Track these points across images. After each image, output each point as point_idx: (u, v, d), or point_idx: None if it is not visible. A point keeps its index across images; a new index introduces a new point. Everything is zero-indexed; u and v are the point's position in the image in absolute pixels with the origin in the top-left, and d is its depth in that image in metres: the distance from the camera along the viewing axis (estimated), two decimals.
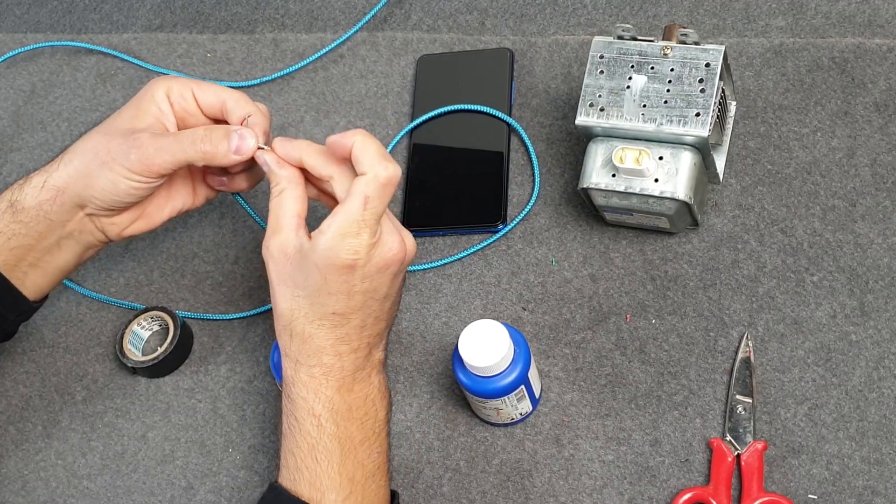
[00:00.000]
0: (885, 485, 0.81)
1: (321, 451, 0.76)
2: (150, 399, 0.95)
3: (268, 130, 0.84)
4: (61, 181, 0.83)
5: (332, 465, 0.76)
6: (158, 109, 0.84)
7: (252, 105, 0.84)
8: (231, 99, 0.84)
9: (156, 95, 0.84)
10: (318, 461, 0.76)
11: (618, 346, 0.89)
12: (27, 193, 0.84)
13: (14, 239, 0.84)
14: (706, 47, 0.85)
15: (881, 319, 0.86)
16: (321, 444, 0.76)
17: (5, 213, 0.84)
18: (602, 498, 0.84)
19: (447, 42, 1.06)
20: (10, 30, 1.20)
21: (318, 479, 0.76)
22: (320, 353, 0.78)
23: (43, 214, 0.84)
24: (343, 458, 0.76)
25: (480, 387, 0.82)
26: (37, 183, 0.84)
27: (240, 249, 1.01)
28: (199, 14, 1.16)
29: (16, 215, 0.84)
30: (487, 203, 0.97)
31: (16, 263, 0.85)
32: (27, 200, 0.84)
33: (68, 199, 0.84)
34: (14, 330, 0.92)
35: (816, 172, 0.92)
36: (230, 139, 0.81)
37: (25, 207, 0.84)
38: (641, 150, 0.85)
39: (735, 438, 0.84)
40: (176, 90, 0.85)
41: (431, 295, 0.95)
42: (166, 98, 0.85)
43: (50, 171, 0.84)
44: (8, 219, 0.84)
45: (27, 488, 0.93)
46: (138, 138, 0.81)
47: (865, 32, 0.98)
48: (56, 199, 0.84)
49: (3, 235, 0.84)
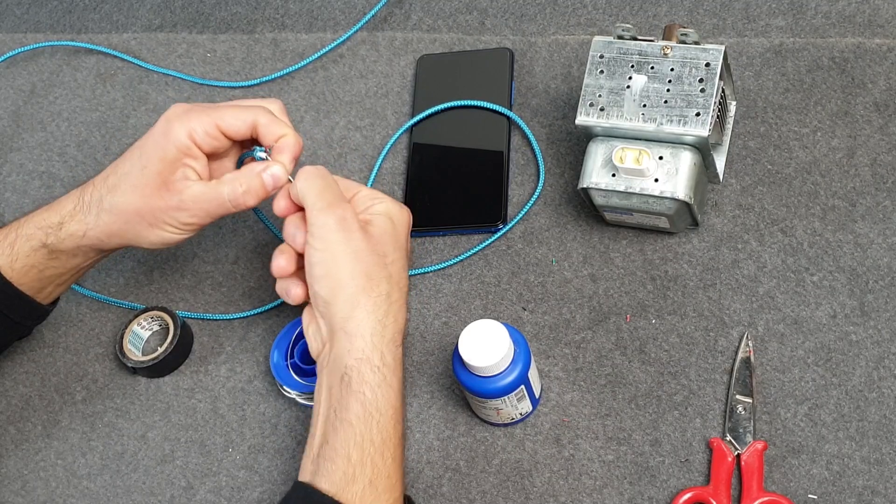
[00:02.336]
0: (885, 485, 0.81)
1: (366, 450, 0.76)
2: (150, 399, 0.95)
3: (298, 153, 0.84)
4: (104, 235, 0.85)
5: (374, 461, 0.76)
6: (187, 154, 0.83)
7: (283, 125, 0.84)
8: (262, 123, 0.84)
9: (179, 142, 0.83)
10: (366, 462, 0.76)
11: (618, 346, 0.89)
12: (64, 240, 0.85)
13: (47, 271, 0.87)
14: (706, 47, 0.85)
15: (881, 319, 0.86)
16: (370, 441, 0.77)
17: (38, 250, 0.85)
18: (602, 498, 0.84)
19: (447, 42, 1.06)
20: (10, 30, 1.20)
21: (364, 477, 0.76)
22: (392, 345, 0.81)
23: (81, 253, 0.87)
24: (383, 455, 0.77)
25: (480, 387, 0.82)
26: (75, 232, 0.85)
27: (240, 249, 1.01)
28: (199, 14, 1.16)
29: (51, 254, 0.86)
30: (487, 203, 0.97)
31: (44, 287, 0.88)
32: (64, 245, 0.85)
33: (110, 246, 0.87)
34: (29, 332, 0.94)
35: (816, 172, 0.92)
36: (265, 182, 0.83)
37: (62, 251, 0.86)
38: (641, 150, 0.85)
39: (735, 438, 0.83)
40: (200, 131, 0.83)
41: (431, 295, 0.95)
42: (191, 142, 0.83)
43: (87, 222, 0.84)
44: (41, 256, 0.86)
45: (27, 488, 0.93)
46: (184, 203, 0.83)
47: (865, 32, 0.98)
48: (97, 245, 0.86)
49: (36, 269, 0.86)
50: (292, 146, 0.84)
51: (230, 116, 0.84)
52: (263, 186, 0.83)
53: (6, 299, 0.86)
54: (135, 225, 0.84)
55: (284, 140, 0.84)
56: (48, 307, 0.90)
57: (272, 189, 0.83)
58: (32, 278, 0.86)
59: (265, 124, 0.84)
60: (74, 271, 0.89)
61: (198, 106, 0.85)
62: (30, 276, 0.86)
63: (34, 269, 0.86)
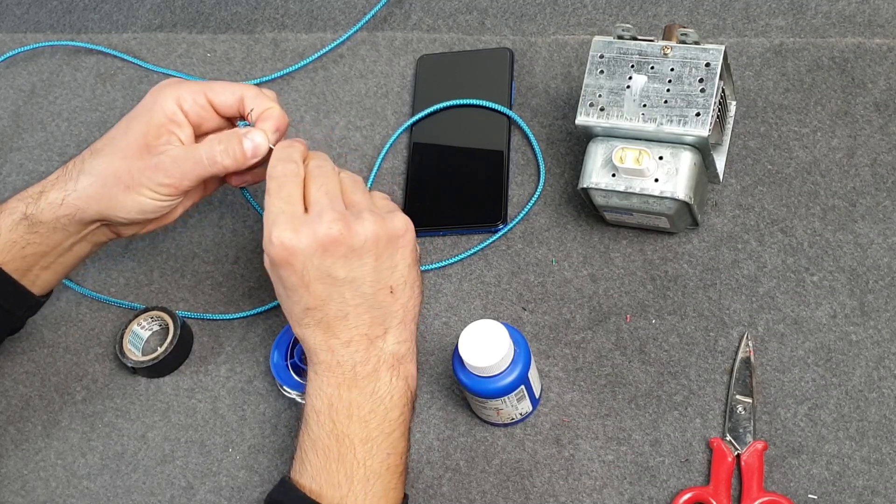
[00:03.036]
0: (885, 485, 0.81)
1: (320, 447, 0.76)
2: (150, 399, 0.95)
3: (281, 126, 0.83)
4: (81, 201, 0.84)
5: (330, 461, 0.75)
6: (172, 121, 0.83)
7: (270, 100, 0.84)
8: (249, 96, 0.84)
9: (166, 107, 0.83)
10: (318, 456, 0.76)
11: (618, 346, 0.89)
12: (43, 209, 0.84)
13: (29, 247, 0.85)
14: (706, 47, 0.85)
15: (881, 319, 0.86)
16: (320, 440, 0.76)
17: (19, 223, 0.84)
18: (602, 498, 0.84)
19: (447, 42, 1.06)
20: (10, 30, 1.20)
21: (317, 474, 0.76)
22: (316, 351, 0.77)
23: (60, 227, 0.85)
24: (340, 456, 0.75)
25: (480, 387, 0.82)
26: (54, 199, 0.84)
27: (240, 249, 1.01)
28: (198, 14, 1.16)
29: (31, 227, 0.84)
30: (487, 203, 0.97)
31: (28, 268, 0.86)
32: (44, 215, 0.84)
33: (88, 216, 0.85)
34: (22, 324, 0.93)
35: (816, 172, 0.92)
36: (244, 146, 0.82)
37: (42, 221, 0.84)
38: (641, 150, 0.85)
39: (735, 438, 0.83)
40: (188, 98, 0.83)
41: (431, 295, 0.95)
42: (178, 108, 0.83)
43: (67, 188, 0.84)
44: (23, 230, 0.84)
45: (27, 488, 0.93)
46: (161, 162, 0.82)
47: (865, 32, 0.98)
48: (75, 214, 0.84)
49: (17, 245, 0.85)
50: (276, 117, 0.83)
51: (219, 87, 0.84)
52: (243, 150, 0.82)
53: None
54: (111, 188, 0.83)
55: (269, 111, 0.83)
56: (40, 298, 0.89)
57: (251, 155, 0.82)
58: (15, 255, 0.85)
59: (252, 97, 0.84)
60: (57, 252, 0.87)
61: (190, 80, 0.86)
62: (12, 252, 0.84)
63: (16, 245, 0.85)
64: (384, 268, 0.78)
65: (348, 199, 0.79)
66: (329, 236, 0.75)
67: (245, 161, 0.82)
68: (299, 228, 0.75)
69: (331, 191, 0.78)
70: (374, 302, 0.77)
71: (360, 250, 0.76)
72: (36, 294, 0.88)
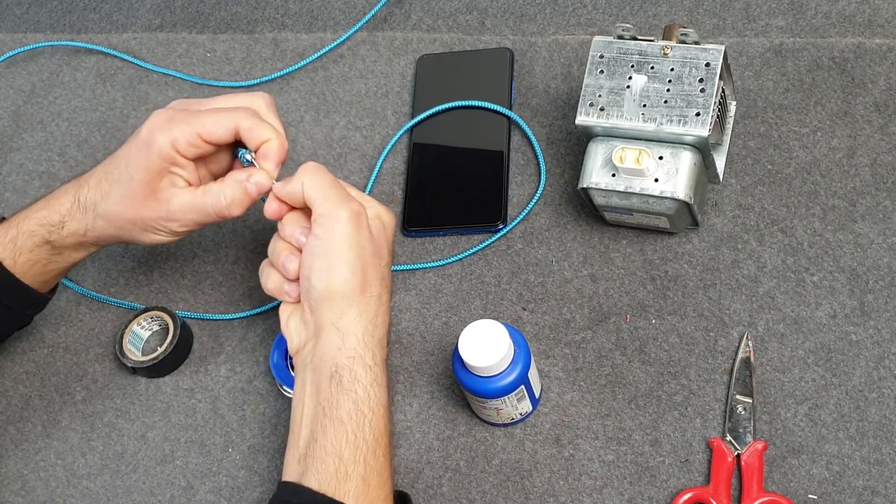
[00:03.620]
0: (885, 485, 0.81)
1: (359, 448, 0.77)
2: (150, 399, 0.95)
3: (282, 158, 0.84)
4: (102, 235, 0.87)
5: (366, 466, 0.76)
6: (172, 164, 0.83)
7: (267, 129, 0.83)
8: (244, 128, 0.83)
9: (163, 153, 0.82)
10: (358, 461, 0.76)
11: (618, 346, 0.89)
12: (67, 238, 0.87)
13: (51, 265, 0.88)
14: (706, 47, 0.85)
15: (881, 319, 0.86)
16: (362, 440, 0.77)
17: (41, 247, 0.87)
18: (602, 498, 0.84)
19: (447, 42, 1.06)
20: (10, 30, 1.20)
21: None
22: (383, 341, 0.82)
23: (84, 248, 0.89)
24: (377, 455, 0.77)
25: (480, 387, 0.82)
26: (76, 230, 0.86)
27: (240, 249, 1.01)
28: (198, 14, 1.16)
29: (55, 250, 0.88)
30: (487, 203, 0.97)
31: (47, 280, 0.90)
32: (67, 242, 0.87)
33: (111, 243, 0.89)
34: (29, 321, 0.94)
35: (816, 172, 0.92)
36: (250, 191, 0.83)
37: (66, 247, 0.87)
38: (641, 150, 0.85)
39: (735, 438, 0.83)
40: (182, 141, 0.82)
41: (431, 295, 0.95)
42: (174, 152, 0.83)
43: (86, 223, 0.86)
44: (45, 252, 0.87)
45: (27, 488, 0.93)
46: (172, 214, 0.84)
47: (865, 32, 0.98)
48: (97, 242, 0.88)
49: (40, 263, 0.88)
50: (275, 152, 0.83)
51: (211, 124, 0.83)
52: (248, 195, 0.83)
53: (9, 291, 0.87)
54: (129, 231, 0.86)
55: (268, 146, 0.83)
56: (48, 295, 0.91)
57: (257, 196, 0.84)
58: (36, 273, 0.88)
59: (247, 129, 0.83)
60: (76, 263, 0.90)
61: (179, 113, 0.84)
62: (34, 270, 0.87)
63: (38, 264, 0.87)
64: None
65: None
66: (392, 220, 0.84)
67: (251, 203, 0.85)
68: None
69: None
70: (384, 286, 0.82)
71: None
72: (44, 293, 0.91)
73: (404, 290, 0.95)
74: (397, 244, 0.98)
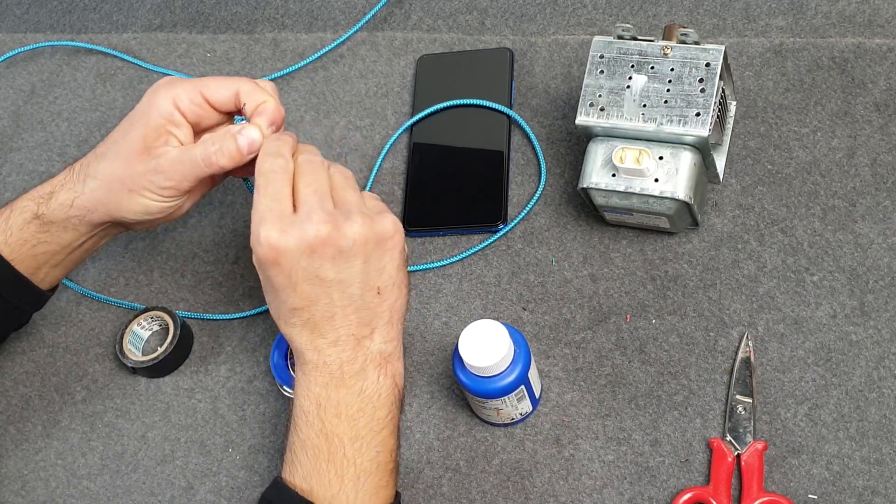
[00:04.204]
0: (885, 485, 0.81)
1: (310, 446, 0.76)
2: (150, 399, 0.95)
3: (276, 119, 0.83)
4: (89, 203, 0.85)
5: (321, 461, 0.75)
6: (170, 122, 0.83)
7: (265, 94, 0.83)
8: (244, 91, 0.83)
9: (163, 108, 0.82)
10: (308, 456, 0.76)
11: (618, 346, 0.89)
12: (54, 209, 0.85)
13: (39, 246, 0.86)
14: (706, 47, 0.85)
15: (881, 319, 0.86)
16: (310, 439, 0.76)
17: (30, 223, 0.85)
18: (602, 498, 0.84)
19: (447, 42, 1.06)
20: (10, 30, 1.20)
21: (308, 474, 0.76)
22: (303, 352, 0.77)
23: (71, 227, 0.86)
24: (330, 455, 0.75)
25: (480, 387, 0.82)
26: (64, 200, 0.85)
27: (240, 249, 1.01)
28: (198, 14, 1.16)
29: (42, 226, 0.85)
30: (488, 203, 0.97)
31: (39, 266, 0.87)
32: (54, 215, 0.85)
33: (97, 217, 0.86)
34: (28, 319, 0.94)
35: (816, 172, 0.92)
36: (240, 144, 0.81)
37: (53, 221, 0.85)
38: (641, 150, 0.85)
39: (735, 438, 0.84)
40: (184, 98, 0.83)
41: (431, 295, 0.95)
42: (175, 108, 0.83)
43: (76, 190, 0.85)
44: (34, 229, 0.85)
45: (27, 488, 0.93)
46: (160, 165, 0.83)
47: (865, 32, 0.98)
48: (86, 216, 0.85)
49: (29, 243, 0.86)
50: (271, 111, 0.83)
51: (214, 84, 0.84)
52: (238, 148, 0.81)
53: (5, 281, 0.86)
54: (116, 192, 0.84)
55: (263, 105, 0.83)
56: (46, 293, 0.90)
57: (247, 152, 0.82)
58: (26, 254, 0.86)
59: (247, 91, 0.83)
60: (67, 250, 0.88)
61: (185, 78, 0.85)
62: (23, 251, 0.86)
63: (27, 243, 0.86)
64: (372, 269, 0.77)
65: (338, 197, 0.78)
66: (318, 237, 0.74)
67: (242, 158, 0.82)
68: (287, 228, 0.74)
69: (320, 189, 0.77)
70: (362, 303, 0.77)
71: (349, 252, 0.76)
72: (44, 290, 0.89)
73: None
74: None
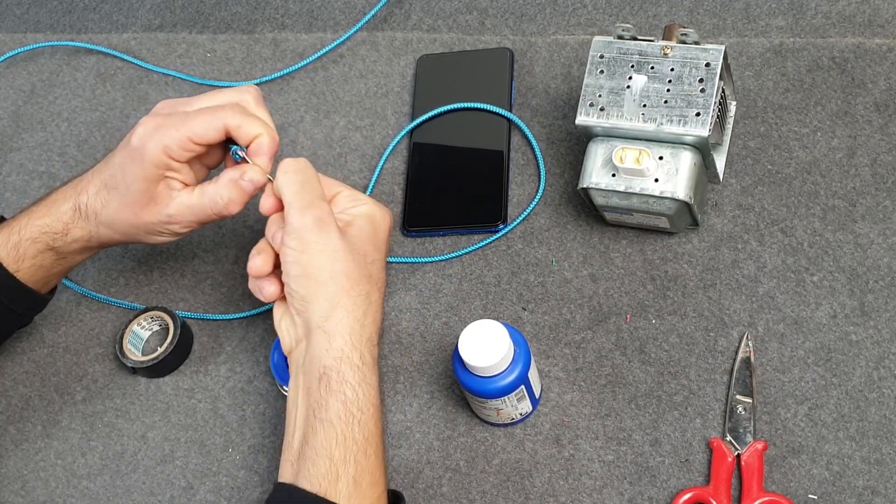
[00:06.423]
0: (885, 485, 0.81)
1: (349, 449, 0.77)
2: (150, 399, 0.95)
3: (274, 152, 0.84)
4: (106, 239, 0.88)
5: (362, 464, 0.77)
6: (167, 169, 0.84)
7: (256, 124, 0.83)
8: (233, 126, 0.83)
9: (156, 159, 0.83)
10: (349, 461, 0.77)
11: (618, 346, 0.89)
12: (71, 243, 0.88)
13: (55, 268, 0.89)
14: (706, 47, 0.85)
15: (881, 319, 0.86)
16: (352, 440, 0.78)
17: (45, 253, 0.88)
18: (602, 498, 0.84)
19: (447, 42, 1.06)
20: (10, 30, 1.20)
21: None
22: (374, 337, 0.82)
23: (88, 251, 0.90)
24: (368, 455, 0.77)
25: (480, 387, 0.82)
26: (80, 237, 0.87)
27: (240, 249, 1.01)
28: (198, 14, 1.16)
29: (59, 256, 0.89)
30: (488, 203, 0.97)
31: (49, 281, 0.90)
32: (71, 248, 0.88)
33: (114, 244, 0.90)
34: (30, 320, 0.95)
35: (816, 172, 0.92)
36: (245, 189, 0.84)
37: (70, 252, 0.88)
38: (641, 150, 0.85)
39: (735, 438, 0.83)
40: (174, 147, 0.83)
41: (431, 295, 0.95)
42: (167, 157, 0.83)
43: (90, 230, 0.87)
44: (50, 258, 0.88)
45: (27, 488, 0.93)
46: (173, 217, 0.85)
47: (865, 32, 0.98)
48: (101, 246, 0.90)
49: (44, 268, 0.88)
50: (266, 146, 0.84)
51: (199, 127, 0.83)
52: (245, 192, 0.84)
53: (10, 294, 0.88)
54: (133, 235, 0.88)
55: (258, 141, 0.83)
56: (47, 296, 0.92)
57: (253, 192, 0.84)
58: (40, 277, 0.89)
59: (236, 126, 0.83)
60: (80, 263, 0.92)
61: (167, 119, 0.84)
62: (38, 275, 0.88)
63: (42, 268, 0.88)
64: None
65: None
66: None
67: (248, 198, 0.85)
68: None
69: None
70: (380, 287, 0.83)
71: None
72: (44, 294, 0.91)
73: (404, 290, 0.95)
74: (397, 244, 0.98)
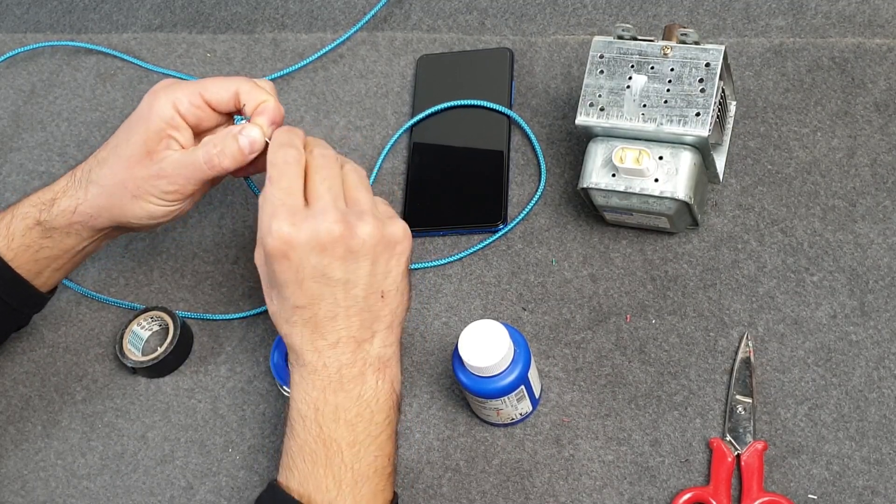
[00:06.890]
0: (885, 485, 0.81)
1: (307, 451, 0.75)
2: (150, 399, 0.95)
3: (277, 118, 0.83)
4: (92, 209, 0.85)
5: (318, 466, 0.75)
6: (170, 126, 0.83)
7: (265, 93, 0.83)
8: (244, 90, 0.83)
9: (163, 112, 0.82)
10: (305, 461, 0.75)
11: (618, 346, 0.89)
12: (56, 216, 0.85)
13: (42, 251, 0.86)
14: (706, 47, 0.85)
15: (881, 319, 0.86)
16: (307, 444, 0.76)
17: (32, 229, 0.86)
18: (602, 498, 0.84)
19: (447, 42, 1.06)
20: (10, 30, 1.20)
21: (305, 479, 0.75)
22: (301, 353, 0.77)
23: (74, 232, 0.86)
24: (328, 460, 0.75)
25: (480, 387, 0.82)
26: (66, 207, 0.85)
27: (240, 249, 1.01)
28: (198, 14, 1.16)
29: (45, 232, 0.86)
30: (487, 203, 0.97)
31: (40, 271, 0.88)
32: (57, 221, 0.85)
33: (101, 222, 0.86)
34: (28, 321, 0.94)
35: (816, 172, 0.92)
36: (241, 144, 0.81)
37: (55, 227, 0.86)
38: (641, 150, 0.85)
39: (735, 438, 0.84)
40: (184, 101, 0.82)
41: (431, 295, 0.95)
42: (175, 112, 0.82)
43: (78, 196, 0.85)
44: (36, 235, 0.86)
45: (27, 488, 0.93)
46: (163, 170, 0.83)
47: (865, 32, 0.98)
48: (88, 222, 0.86)
49: (31, 249, 0.86)
50: (271, 110, 0.82)
51: (213, 85, 0.83)
52: (239, 148, 0.81)
53: (3, 282, 0.86)
54: (119, 197, 0.84)
55: (264, 105, 0.83)
56: (46, 295, 0.90)
57: (249, 152, 0.82)
58: (28, 259, 0.86)
59: (247, 91, 0.83)
60: (69, 254, 0.88)
61: (184, 80, 0.85)
62: (25, 256, 0.86)
63: (29, 249, 0.86)
64: (379, 272, 0.77)
65: (350, 196, 0.78)
66: (330, 235, 0.74)
67: (243, 158, 0.82)
68: (299, 223, 0.74)
69: (334, 186, 0.77)
70: (365, 305, 0.77)
71: (358, 253, 0.76)
72: (43, 292, 0.90)
73: None
74: None
